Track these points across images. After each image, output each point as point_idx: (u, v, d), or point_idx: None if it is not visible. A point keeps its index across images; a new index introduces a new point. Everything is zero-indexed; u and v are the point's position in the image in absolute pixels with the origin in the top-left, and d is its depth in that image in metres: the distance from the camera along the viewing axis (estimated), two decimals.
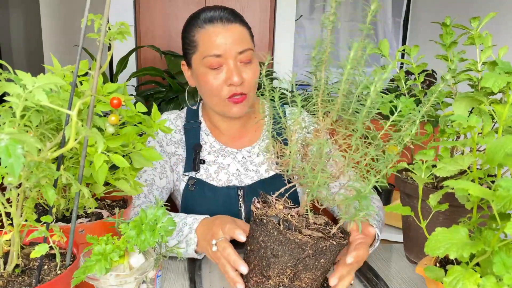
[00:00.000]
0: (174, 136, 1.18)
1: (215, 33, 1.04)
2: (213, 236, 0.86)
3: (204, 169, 1.16)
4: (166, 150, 1.17)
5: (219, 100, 1.09)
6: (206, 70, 1.06)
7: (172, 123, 1.20)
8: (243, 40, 1.06)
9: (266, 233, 0.74)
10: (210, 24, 1.05)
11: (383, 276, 0.92)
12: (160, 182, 1.12)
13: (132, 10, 2.66)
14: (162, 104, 2.10)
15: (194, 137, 1.18)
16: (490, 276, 0.48)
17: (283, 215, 0.79)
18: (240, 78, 1.04)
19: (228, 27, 1.05)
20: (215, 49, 1.04)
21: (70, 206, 0.80)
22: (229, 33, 1.04)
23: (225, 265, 0.81)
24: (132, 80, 2.61)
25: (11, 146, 0.40)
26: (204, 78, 1.07)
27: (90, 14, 0.55)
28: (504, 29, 2.09)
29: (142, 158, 0.76)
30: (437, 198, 0.65)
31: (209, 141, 1.19)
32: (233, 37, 1.04)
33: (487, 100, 0.70)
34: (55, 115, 0.65)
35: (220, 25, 1.05)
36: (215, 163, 1.17)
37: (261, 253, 0.75)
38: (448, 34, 0.90)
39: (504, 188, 0.45)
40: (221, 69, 1.05)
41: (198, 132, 1.19)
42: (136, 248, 0.63)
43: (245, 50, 1.05)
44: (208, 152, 1.18)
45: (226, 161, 1.17)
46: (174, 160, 1.17)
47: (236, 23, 1.07)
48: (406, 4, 3.27)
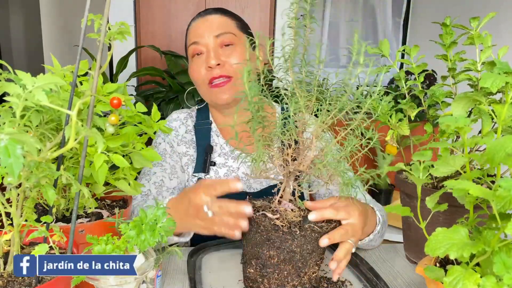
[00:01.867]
0: (185, 136, 1.18)
1: (194, 26, 1.13)
2: (199, 203, 0.79)
3: (214, 171, 1.15)
4: (177, 150, 1.17)
5: (205, 89, 1.11)
6: (191, 61, 1.13)
7: (183, 123, 1.20)
8: (221, 25, 1.10)
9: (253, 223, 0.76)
10: (193, 21, 1.15)
11: (383, 276, 0.92)
12: (171, 183, 1.11)
13: (132, 10, 2.66)
14: (162, 104, 2.10)
15: (204, 137, 1.18)
16: (490, 276, 0.48)
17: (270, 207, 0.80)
18: (217, 59, 1.06)
19: (206, 17, 1.12)
20: (193, 37, 1.11)
21: (70, 206, 0.80)
22: (207, 22, 1.10)
23: (229, 220, 0.77)
24: (132, 80, 2.61)
25: (11, 146, 0.40)
26: (190, 68, 1.14)
27: (90, 14, 0.55)
28: (504, 29, 2.09)
29: (142, 158, 0.76)
30: (435, 200, 0.65)
31: (219, 143, 1.19)
32: (210, 25, 1.10)
33: (486, 100, 0.70)
34: (55, 115, 0.65)
35: (200, 18, 1.13)
36: (225, 165, 1.16)
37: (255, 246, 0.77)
38: (448, 34, 0.90)
39: (504, 188, 0.45)
40: (201, 56, 1.10)
41: (209, 132, 1.19)
42: (136, 248, 0.63)
43: (222, 34, 1.08)
44: (219, 154, 1.17)
45: (236, 164, 1.17)
46: (185, 161, 1.16)
47: (217, 14, 1.12)
48: (406, 4, 3.27)
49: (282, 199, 0.81)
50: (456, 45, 0.91)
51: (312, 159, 0.76)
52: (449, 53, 0.91)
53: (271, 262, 0.76)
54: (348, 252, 0.81)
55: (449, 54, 0.91)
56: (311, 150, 0.76)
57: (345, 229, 0.79)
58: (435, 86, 0.94)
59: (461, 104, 0.72)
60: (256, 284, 0.79)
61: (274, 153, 0.79)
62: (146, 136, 0.81)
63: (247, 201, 0.77)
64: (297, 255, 0.76)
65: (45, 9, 3.05)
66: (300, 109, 0.75)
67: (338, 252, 0.79)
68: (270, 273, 0.77)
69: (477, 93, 0.72)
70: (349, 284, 0.88)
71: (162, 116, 0.84)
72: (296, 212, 0.80)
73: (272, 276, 0.77)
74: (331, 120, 0.75)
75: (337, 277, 0.81)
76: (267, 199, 0.86)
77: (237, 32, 1.11)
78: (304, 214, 0.80)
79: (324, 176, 0.76)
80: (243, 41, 1.11)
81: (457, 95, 0.75)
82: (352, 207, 0.82)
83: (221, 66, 1.07)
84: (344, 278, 0.91)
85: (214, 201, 0.78)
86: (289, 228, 0.75)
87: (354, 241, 0.82)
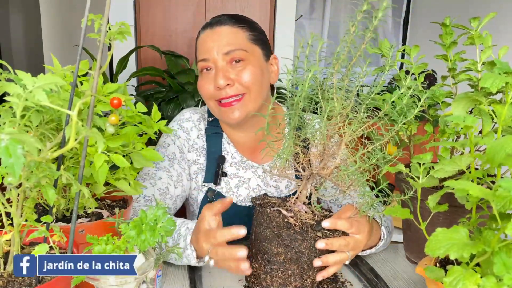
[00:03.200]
0: (196, 142, 1.13)
1: (203, 38, 1.06)
2: (202, 253, 0.81)
3: (225, 182, 1.11)
4: (186, 157, 1.12)
5: (213, 106, 1.07)
6: (200, 75, 1.08)
7: (195, 126, 1.14)
8: (231, 41, 1.03)
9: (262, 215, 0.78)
10: (202, 30, 1.07)
11: (383, 276, 0.92)
12: (175, 191, 1.07)
13: (132, 10, 2.65)
14: (162, 104, 2.09)
15: (216, 145, 1.12)
16: (490, 277, 0.48)
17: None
18: (225, 80, 1.01)
19: (216, 29, 1.04)
20: (202, 53, 1.05)
21: (70, 206, 0.80)
22: (216, 35, 1.04)
23: (229, 262, 0.77)
24: (132, 80, 2.60)
25: (11, 146, 0.40)
26: (198, 83, 1.08)
27: (90, 14, 0.55)
28: (504, 29, 2.09)
29: (142, 158, 0.76)
30: (436, 199, 0.65)
31: (230, 151, 1.14)
32: (219, 39, 1.03)
33: (486, 100, 0.70)
34: (55, 115, 0.65)
35: (209, 29, 1.06)
36: (236, 176, 1.12)
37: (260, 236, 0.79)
38: (447, 34, 0.90)
39: (504, 188, 0.45)
40: (210, 72, 1.05)
41: (220, 140, 1.13)
42: (136, 248, 0.63)
43: (232, 51, 1.02)
44: (230, 164, 1.13)
45: (247, 174, 1.13)
46: (194, 169, 1.12)
47: (227, 25, 1.05)
48: (406, 4, 3.27)
49: (297, 200, 0.82)
50: (456, 45, 0.91)
51: (337, 166, 0.76)
52: (449, 53, 0.91)
53: (277, 259, 0.76)
54: (341, 261, 0.80)
55: (449, 54, 0.91)
56: (338, 156, 0.76)
57: (347, 241, 0.79)
58: (435, 86, 0.94)
59: (461, 104, 0.72)
60: (258, 280, 0.80)
61: (300, 153, 0.79)
62: (146, 136, 0.81)
63: (242, 246, 0.75)
64: (304, 256, 0.76)
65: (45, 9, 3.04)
66: (335, 114, 0.75)
67: (330, 257, 0.79)
68: (275, 271, 0.77)
69: (477, 93, 0.72)
70: (349, 284, 0.88)
71: (162, 116, 0.84)
72: (310, 215, 0.80)
73: (276, 274, 0.77)
74: (362, 132, 0.76)
75: (320, 278, 0.80)
76: (281, 198, 0.87)
77: (249, 47, 1.04)
78: (317, 218, 0.80)
79: (345, 184, 0.76)
80: (257, 54, 1.06)
81: (457, 95, 0.75)
82: (364, 226, 0.82)
83: (231, 86, 1.02)
84: (344, 278, 0.91)
85: (212, 249, 0.78)
86: (301, 228, 0.76)
87: (351, 254, 0.82)
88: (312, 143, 0.80)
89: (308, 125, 0.80)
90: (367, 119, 0.75)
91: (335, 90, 0.75)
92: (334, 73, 0.75)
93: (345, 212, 0.82)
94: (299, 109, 0.77)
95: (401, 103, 0.73)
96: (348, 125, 0.75)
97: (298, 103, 0.75)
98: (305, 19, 3.21)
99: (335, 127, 0.76)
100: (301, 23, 3.18)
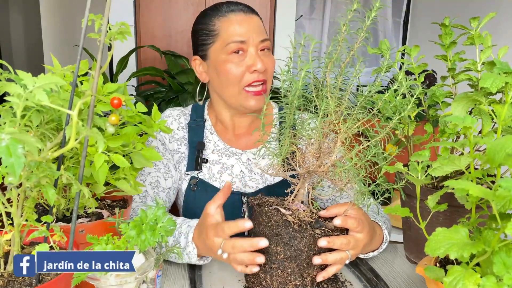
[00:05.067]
0: (177, 133, 1.17)
1: (238, 20, 1.07)
2: (213, 247, 0.81)
3: (207, 169, 1.14)
4: (168, 147, 1.15)
5: (237, 91, 1.07)
6: (228, 57, 1.06)
7: (175, 120, 1.18)
8: (262, 30, 1.10)
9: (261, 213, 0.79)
10: (232, 13, 1.08)
11: (383, 276, 0.92)
12: (166, 183, 1.11)
13: (132, 10, 2.66)
14: (162, 104, 2.10)
15: (197, 135, 1.16)
16: (490, 276, 0.48)
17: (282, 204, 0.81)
18: (263, 65, 1.05)
19: (250, 16, 1.09)
20: (238, 35, 1.05)
21: (70, 206, 0.80)
22: (251, 21, 1.08)
23: (244, 258, 0.77)
24: (132, 80, 2.61)
25: (11, 146, 0.40)
26: (225, 66, 1.06)
27: (91, 14, 0.55)
28: (504, 29, 2.09)
29: (142, 158, 0.76)
30: (436, 199, 0.65)
31: (213, 140, 1.17)
32: (254, 26, 1.08)
33: (486, 100, 0.70)
34: (55, 115, 0.65)
35: (242, 13, 1.08)
36: (218, 162, 1.15)
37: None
38: (447, 34, 0.90)
39: (504, 188, 0.45)
40: (243, 55, 1.06)
41: (202, 130, 1.17)
42: (136, 248, 0.63)
43: (265, 40, 1.08)
44: (212, 151, 1.16)
45: (230, 161, 1.15)
46: (176, 158, 1.15)
47: (255, 14, 1.11)
48: (406, 4, 3.27)
49: (295, 199, 0.82)
50: (455, 45, 0.91)
51: (333, 163, 0.76)
52: (449, 53, 0.91)
53: (277, 258, 0.76)
54: (341, 260, 0.80)
55: (449, 54, 0.91)
56: (334, 153, 0.76)
57: (348, 240, 0.79)
58: (435, 86, 0.94)
59: (461, 104, 0.72)
60: (258, 279, 0.80)
61: (297, 151, 0.80)
62: (146, 136, 0.81)
63: (262, 237, 0.76)
64: (304, 254, 0.76)
65: (45, 9, 3.04)
66: (330, 112, 0.75)
67: (330, 256, 0.79)
68: (274, 270, 0.77)
69: (477, 93, 0.72)
70: (349, 284, 0.89)
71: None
72: (308, 213, 0.80)
73: (275, 272, 0.77)
74: (357, 129, 0.76)
75: (320, 279, 0.80)
76: (279, 198, 0.87)
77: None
78: (315, 216, 0.80)
79: (341, 181, 0.77)
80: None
81: (457, 95, 0.75)
82: (364, 224, 0.83)
83: (265, 70, 1.07)
84: (344, 278, 0.91)
85: (226, 242, 0.78)
86: (300, 226, 0.76)
87: (352, 254, 0.81)
88: (308, 141, 0.80)
89: (304, 123, 0.80)
90: (361, 115, 0.75)
91: (329, 88, 0.75)
92: (328, 72, 0.76)
93: (343, 207, 0.82)
94: (294, 107, 0.77)
95: (395, 100, 0.73)
96: (343, 122, 0.75)
97: (292, 102, 0.76)
98: (305, 19, 3.21)
99: (330, 125, 0.76)
100: (301, 23, 3.18)
